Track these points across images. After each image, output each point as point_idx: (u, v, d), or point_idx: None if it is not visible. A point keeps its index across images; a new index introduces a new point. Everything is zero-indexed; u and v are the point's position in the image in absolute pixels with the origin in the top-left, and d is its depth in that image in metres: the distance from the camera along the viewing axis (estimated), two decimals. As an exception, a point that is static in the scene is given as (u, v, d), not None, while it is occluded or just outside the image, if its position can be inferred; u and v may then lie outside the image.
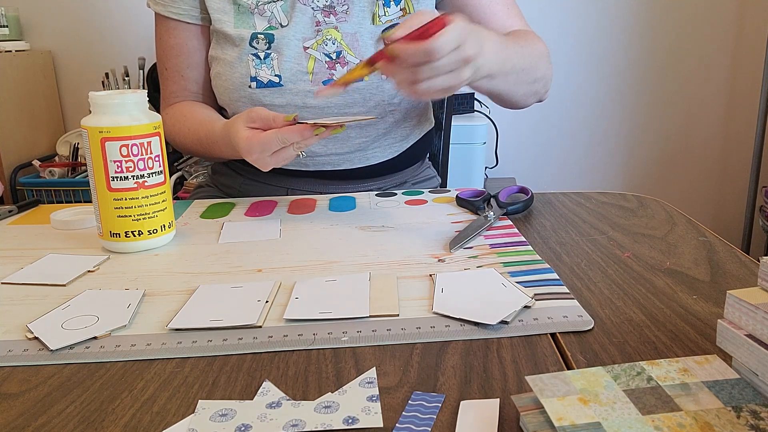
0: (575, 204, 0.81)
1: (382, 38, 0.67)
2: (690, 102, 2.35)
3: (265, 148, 0.71)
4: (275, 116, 0.72)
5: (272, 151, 0.71)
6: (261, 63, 0.89)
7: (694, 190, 2.43)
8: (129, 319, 0.51)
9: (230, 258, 0.65)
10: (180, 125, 0.93)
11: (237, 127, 0.74)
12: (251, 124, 0.74)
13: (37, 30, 2.29)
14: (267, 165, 0.73)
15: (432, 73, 0.63)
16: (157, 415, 0.39)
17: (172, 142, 0.97)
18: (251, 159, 0.73)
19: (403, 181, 1.03)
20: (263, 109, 0.74)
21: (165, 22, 0.94)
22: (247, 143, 0.72)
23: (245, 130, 0.73)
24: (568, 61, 2.31)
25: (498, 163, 2.25)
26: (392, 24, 0.92)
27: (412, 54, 0.61)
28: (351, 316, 0.50)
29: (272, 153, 0.72)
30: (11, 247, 0.70)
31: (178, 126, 0.94)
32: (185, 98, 0.97)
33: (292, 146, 0.71)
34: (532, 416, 0.34)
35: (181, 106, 0.96)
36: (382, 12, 0.91)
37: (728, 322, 0.37)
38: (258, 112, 0.73)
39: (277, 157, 0.72)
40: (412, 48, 0.61)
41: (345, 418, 0.37)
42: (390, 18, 0.92)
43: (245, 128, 0.73)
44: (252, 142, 0.71)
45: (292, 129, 0.69)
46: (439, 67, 0.62)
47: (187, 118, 0.93)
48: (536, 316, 0.49)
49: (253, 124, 0.74)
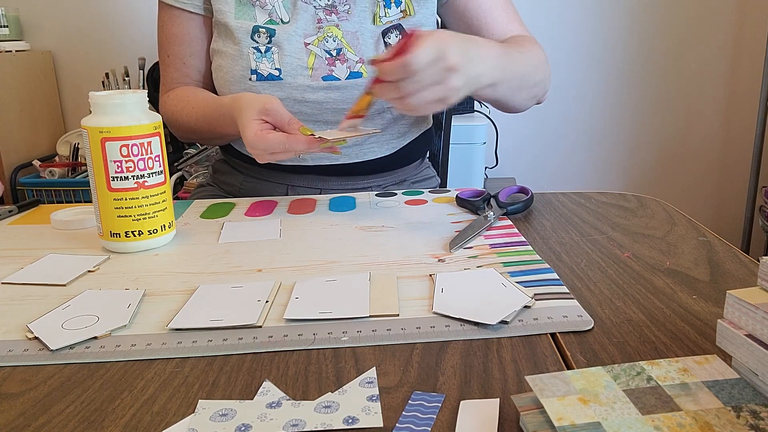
0: (575, 204, 0.81)
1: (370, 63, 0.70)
2: (690, 102, 2.35)
3: (267, 148, 0.73)
4: (290, 120, 0.73)
5: (274, 152, 0.73)
6: (262, 56, 0.89)
7: (694, 190, 2.43)
8: (129, 319, 0.51)
9: (230, 258, 0.65)
10: (183, 104, 0.94)
11: (248, 116, 0.75)
12: (264, 116, 0.74)
13: (37, 30, 2.29)
14: (264, 161, 0.75)
15: (415, 87, 0.64)
16: (157, 415, 0.39)
17: (173, 122, 0.97)
18: (252, 152, 0.74)
19: (403, 180, 1.04)
20: (279, 105, 0.74)
21: (169, 11, 0.95)
22: (254, 139, 0.73)
23: (256, 123, 0.74)
24: (568, 61, 2.31)
25: (498, 163, 2.25)
26: (392, 25, 0.92)
27: (391, 71, 0.64)
28: (351, 316, 0.50)
29: (272, 153, 0.73)
30: (11, 247, 0.70)
31: (180, 105, 0.94)
32: (187, 84, 0.98)
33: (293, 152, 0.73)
34: (532, 416, 0.34)
35: (184, 88, 0.97)
36: (383, 13, 0.92)
37: (728, 322, 0.37)
38: (273, 106, 0.74)
39: (274, 156, 0.74)
40: (390, 65, 0.63)
41: (345, 417, 0.37)
42: (390, 19, 0.92)
43: (256, 121, 0.74)
44: (258, 140, 0.73)
45: (301, 141, 0.71)
46: (420, 80, 0.64)
47: (190, 98, 0.93)
48: (536, 316, 0.49)
49: (266, 117, 0.74)
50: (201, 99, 0.92)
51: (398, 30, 0.93)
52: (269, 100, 0.74)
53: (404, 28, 0.93)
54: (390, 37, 0.92)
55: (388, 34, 0.92)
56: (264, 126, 0.74)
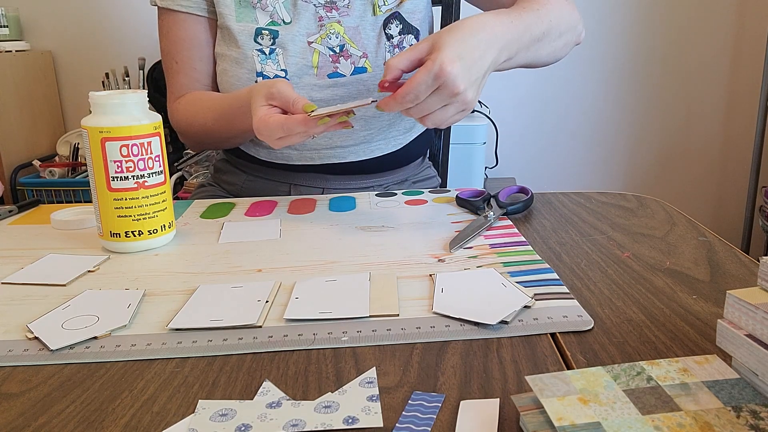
0: (575, 204, 0.81)
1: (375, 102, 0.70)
2: (690, 102, 2.35)
3: (270, 133, 0.71)
4: (295, 100, 0.71)
5: (278, 137, 0.71)
6: (266, 58, 0.89)
7: (694, 190, 2.43)
8: (129, 319, 0.51)
9: (230, 258, 0.65)
10: (197, 108, 0.92)
11: (257, 101, 0.73)
12: (271, 101, 0.73)
13: (37, 30, 2.29)
14: (275, 146, 0.73)
15: (425, 112, 0.65)
16: (157, 415, 0.39)
17: (187, 128, 0.95)
18: (262, 138, 0.73)
19: (404, 179, 1.04)
20: (286, 86, 0.72)
21: (173, 16, 0.93)
22: (258, 124, 0.72)
23: (262, 108, 0.73)
24: (568, 60, 2.31)
25: (498, 163, 2.25)
26: (391, 13, 0.92)
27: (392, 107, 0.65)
28: (351, 316, 0.50)
29: (278, 138, 0.72)
30: (11, 247, 0.70)
31: (194, 109, 0.92)
32: (197, 90, 0.96)
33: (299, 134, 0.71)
34: (532, 416, 0.34)
35: (195, 93, 0.95)
36: (382, 2, 0.92)
37: (728, 322, 0.37)
38: (280, 89, 0.72)
39: (282, 141, 0.72)
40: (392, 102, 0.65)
41: (345, 417, 0.37)
42: (389, 7, 0.92)
43: (263, 106, 0.73)
44: (262, 125, 0.71)
45: (297, 121, 0.69)
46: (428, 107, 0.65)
47: (204, 99, 0.92)
48: (536, 316, 0.49)
49: (273, 101, 0.73)
50: (216, 98, 0.90)
51: (398, 20, 0.92)
52: (275, 84, 0.73)
53: (403, 17, 0.92)
54: (390, 27, 0.92)
55: (389, 24, 0.92)
56: (272, 111, 0.73)
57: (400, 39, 0.93)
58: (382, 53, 0.92)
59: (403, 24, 0.93)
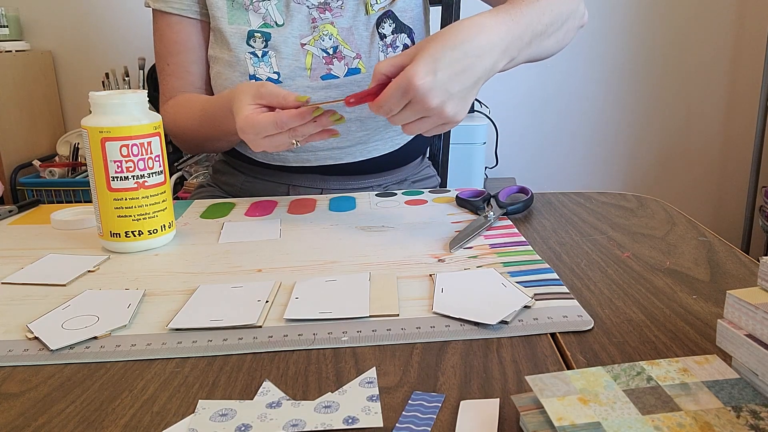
0: (575, 204, 0.81)
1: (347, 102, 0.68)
2: (690, 102, 2.35)
3: (258, 130, 0.69)
4: (287, 95, 0.69)
5: (266, 134, 0.69)
6: (259, 61, 0.89)
7: (694, 190, 2.43)
8: (129, 319, 0.51)
9: (230, 258, 0.65)
10: (184, 109, 0.91)
11: (242, 101, 0.71)
12: (259, 100, 0.71)
13: (37, 30, 2.29)
14: (259, 147, 0.71)
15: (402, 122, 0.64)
16: (157, 415, 0.39)
17: (175, 130, 0.95)
18: (245, 138, 0.71)
19: (403, 179, 1.04)
20: (273, 85, 0.71)
21: (167, 19, 0.93)
22: (243, 122, 0.70)
23: (248, 107, 0.71)
24: (568, 60, 2.31)
25: (498, 163, 2.25)
26: (384, 12, 0.92)
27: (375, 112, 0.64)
28: (351, 316, 0.50)
29: (266, 136, 0.69)
30: (11, 247, 0.70)
31: (181, 111, 0.92)
32: (188, 92, 0.96)
33: (288, 133, 0.69)
34: (532, 416, 0.34)
35: (182, 95, 0.95)
36: (374, 0, 0.91)
37: (728, 321, 0.37)
38: (268, 88, 0.70)
39: (270, 141, 0.70)
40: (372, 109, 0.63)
41: (345, 417, 0.37)
42: (382, 5, 0.92)
43: (249, 105, 0.71)
44: (247, 124, 0.69)
45: (291, 115, 0.67)
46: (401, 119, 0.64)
47: (191, 101, 0.92)
48: (536, 316, 0.49)
49: (261, 100, 0.71)
50: (202, 100, 0.90)
51: (391, 19, 0.92)
52: (263, 84, 0.71)
53: (396, 15, 0.92)
54: (383, 27, 0.92)
55: (381, 24, 0.92)
56: (259, 109, 0.71)
57: (393, 38, 0.92)
58: (376, 54, 0.91)
59: (396, 23, 0.92)
